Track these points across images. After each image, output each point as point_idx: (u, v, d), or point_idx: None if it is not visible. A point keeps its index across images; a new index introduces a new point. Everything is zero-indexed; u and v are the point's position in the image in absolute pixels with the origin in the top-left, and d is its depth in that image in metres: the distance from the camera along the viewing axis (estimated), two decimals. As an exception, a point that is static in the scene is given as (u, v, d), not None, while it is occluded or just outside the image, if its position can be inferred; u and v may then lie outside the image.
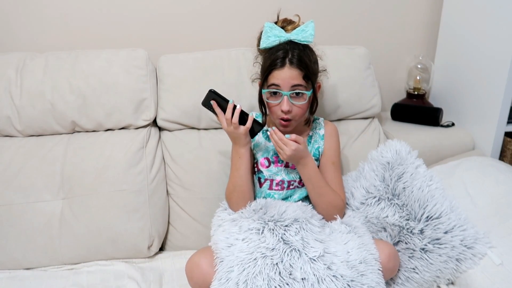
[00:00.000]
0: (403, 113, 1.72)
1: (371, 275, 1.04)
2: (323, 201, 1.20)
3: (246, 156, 1.17)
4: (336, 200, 1.21)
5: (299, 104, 1.15)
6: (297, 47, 1.14)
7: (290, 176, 1.24)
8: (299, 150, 1.12)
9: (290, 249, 1.05)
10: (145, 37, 1.58)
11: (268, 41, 1.16)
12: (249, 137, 1.17)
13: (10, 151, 1.33)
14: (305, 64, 1.13)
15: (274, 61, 1.13)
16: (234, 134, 1.15)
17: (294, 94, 1.14)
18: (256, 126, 1.16)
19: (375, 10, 1.73)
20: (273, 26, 1.17)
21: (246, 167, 1.18)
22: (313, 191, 1.19)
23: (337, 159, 1.27)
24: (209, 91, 1.14)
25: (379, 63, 1.73)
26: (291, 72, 1.12)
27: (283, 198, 1.24)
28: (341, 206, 1.22)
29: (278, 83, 1.13)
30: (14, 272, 1.27)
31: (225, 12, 1.62)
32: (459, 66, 1.64)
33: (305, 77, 1.13)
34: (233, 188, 1.20)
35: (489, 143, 1.54)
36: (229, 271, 1.02)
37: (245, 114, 1.14)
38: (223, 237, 1.10)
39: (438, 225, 1.15)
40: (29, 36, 1.52)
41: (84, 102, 1.35)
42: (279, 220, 1.10)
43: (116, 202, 1.31)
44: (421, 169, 1.25)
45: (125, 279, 1.23)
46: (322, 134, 1.28)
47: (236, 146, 1.18)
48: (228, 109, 1.13)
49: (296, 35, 1.15)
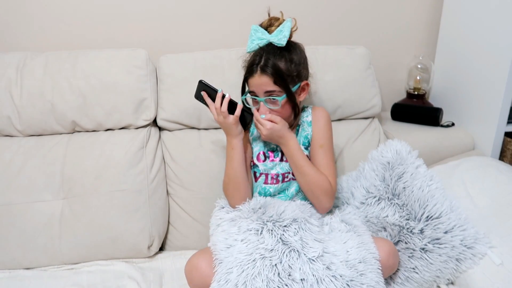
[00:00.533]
0: (403, 113, 1.72)
1: (371, 275, 1.04)
2: (306, 182, 1.18)
3: (239, 147, 1.18)
4: (320, 181, 1.17)
5: (274, 109, 1.16)
6: (272, 51, 1.15)
7: (284, 168, 1.23)
8: (275, 129, 1.14)
9: (289, 249, 1.05)
10: (145, 37, 1.59)
11: (252, 45, 1.18)
12: (241, 126, 1.18)
13: (10, 151, 1.33)
14: (276, 69, 1.12)
15: (248, 69, 1.17)
16: (225, 124, 1.16)
17: (270, 99, 1.16)
18: (247, 115, 1.18)
19: (375, 10, 1.73)
20: (257, 29, 1.18)
21: (240, 158, 1.18)
22: (296, 171, 1.19)
23: (326, 141, 1.24)
24: (199, 82, 1.15)
25: (379, 63, 1.73)
26: (261, 79, 1.14)
27: (279, 191, 1.24)
28: (328, 188, 1.17)
29: (253, 90, 1.17)
30: (14, 272, 1.27)
31: (225, 12, 1.62)
32: (459, 66, 1.64)
33: (276, 83, 1.13)
34: (228, 180, 1.21)
35: (489, 143, 1.54)
36: (228, 272, 1.02)
37: (235, 103, 1.15)
38: (222, 238, 1.10)
39: (438, 225, 1.15)
40: (29, 36, 1.52)
41: (84, 102, 1.35)
42: (277, 221, 1.10)
43: (116, 202, 1.31)
44: (421, 169, 1.25)
45: (125, 279, 1.23)
46: (309, 121, 1.26)
47: (229, 136, 1.19)
48: (217, 98, 1.14)
49: (274, 37, 1.15)
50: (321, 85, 1.44)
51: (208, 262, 1.07)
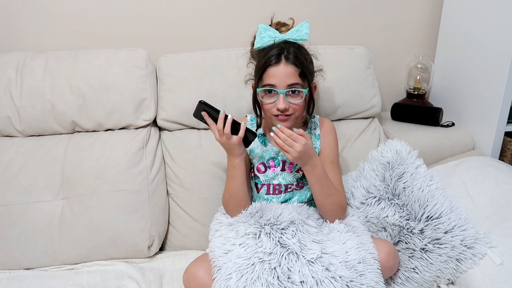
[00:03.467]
0: (403, 113, 1.72)
1: (370, 275, 1.04)
2: (330, 202, 1.15)
3: (241, 167, 1.15)
4: (342, 200, 1.18)
5: (295, 103, 1.11)
6: (292, 45, 1.13)
7: (287, 179, 1.22)
8: (308, 147, 1.08)
9: (287, 252, 1.04)
10: (145, 37, 1.58)
11: (262, 41, 1.15)
12: (243, 146, 1.14)
13: (10, 151, 1.33)
14: (301, 61, 1.11)
15: (269, 58, 1.10)
16: (227, 145, 1.12)
17: (290, 92, 1.11)
18: (250, 135, 1.13)
19: (375, 10, 1.73)
20: (267, 28, 1.17)
21: (241, 177, 1.16)
22: (321, 193, 1.14)
23: (336, 157, 1.22)
24: (199, 103, 1.10)
25: (379, 63, 1.73)
26: (287, 68, 1.09)
27: (282, 201, 1.23)
28: (345, 205, 1.20)
29: (273, 83, 1.10)
30: (14, 272, 1.27)
31: (225, 12, 1.62)
32: (459, 66, 1.64)
33: (301, 75, 1.11)
34: (229, 196, 1.19)
35: (489, 143, 1.54)
36: (227, 278, 1.01)
37: (237, 123, 1.11)
38: (220, 244, 1.09)
39: (438, 225, 1.15)
40: (29, 36, 1.52)
41: (84, 102, 1.35)
42: (275, 224, 1.10)
43: (116, 202, 1.31)
44: (421, 169, 1.25)
45: (125, 279, 1.23)
46: (318, 134, 1.24)
47: (231, 156, 1.15)
48: (220, 119, 1.09)
49: (290, 35, 1.15)
50: (321, 85, 1.44)
51: (206, 270, 1.05)
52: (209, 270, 1.05)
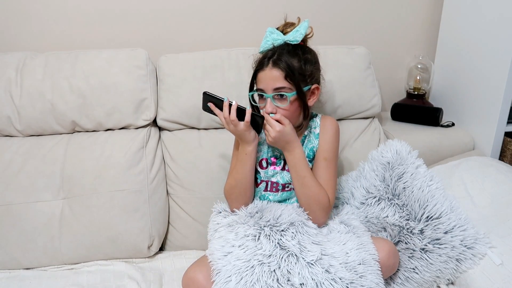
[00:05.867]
0: (403, 113, 1.72)
1: (370, 276, 1.04)
2: (305, 193, 1.14)
3: (253, 153, 1.15)
4: (319, 196, 1.13)
5: (282, 107, 1.11)
6: (286, 48, 1.13)
7: (285, 179, 1.21)
8: (284, 132, 1.10)
9: (287, 254, 1.04)
10: (145, 37, 1.59)
11: (265, 45, 1.16)
12: (254, 132, 1.14)
13: (10, 151, 1.33)
14: (288, 64, 1.10)
15: (258, 63, 1.14)
16: (237, 132, 1.12)
17: (278, 96, 1.11)
18: (258, 118, 1.12)
19: (375, 10, 1.73)
20: (273, 31, 1.17)
21: (252, 164, 1.16)
22: (296, 181, 1.14)
23: (331, 154, 1.19)
24: (203, 94, 1.12)
25: (379, 63, 1.73)
26: (271, 72, 1.10)
27: (280, 200, 1.22)
28: (325, 204, 1.13)
29: (261, 87, 1.13)
30: (14, 272, 1.27)
31: (225, 12, 1.62)
32: (459, 66, 1.64)
33: (287, 78, 1.10)
34: (235, 183, 1.18)
35: (489, 143, 1.54)
36: (227, 281, 1.00)
37: (243, 109, 1.11)
38: (219, 246, 1.08)
39: (438, 225, 1.15)
40: (29, 36, 1.52)
41: (84, 102, 1.35)
42: (275, 225, 1.09)
43: (116, 202, 1.31)
44: (421, 169, 1.25)
45: (125, 279, 1.23)
46: (317, 133, 1.22)
47: (244, 144, 1.14)
48: (224, 107, 1.10)
49: (290, 36, 1.15)
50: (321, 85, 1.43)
51: (205, 274, 1.05)
52: (208, 273, 1.05)
